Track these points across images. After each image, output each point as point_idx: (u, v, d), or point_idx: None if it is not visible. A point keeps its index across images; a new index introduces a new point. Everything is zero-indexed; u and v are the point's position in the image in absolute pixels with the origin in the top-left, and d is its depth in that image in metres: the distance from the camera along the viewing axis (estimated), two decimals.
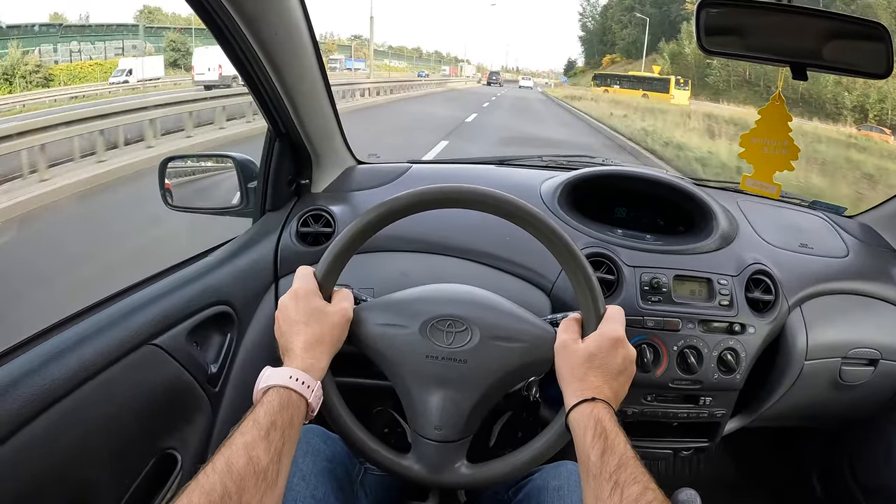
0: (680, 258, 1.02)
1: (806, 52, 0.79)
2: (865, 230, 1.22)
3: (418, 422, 0.72)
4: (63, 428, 0.64)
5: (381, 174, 1.19)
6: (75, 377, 0.67)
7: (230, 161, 1.08)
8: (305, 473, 0.74)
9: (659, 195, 1.13)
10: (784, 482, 1.46)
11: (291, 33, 0.88)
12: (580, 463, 0.61)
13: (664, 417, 1.02)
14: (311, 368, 0.65)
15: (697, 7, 0.74)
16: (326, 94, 1.04)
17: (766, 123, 0.82)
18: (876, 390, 1.09)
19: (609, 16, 61.87)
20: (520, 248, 0.98)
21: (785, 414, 1.09)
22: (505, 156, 1.37)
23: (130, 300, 0.81)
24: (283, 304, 0.70)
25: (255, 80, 0.91)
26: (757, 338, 0.98)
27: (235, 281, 0.96)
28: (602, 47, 63.16)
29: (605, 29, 61.73)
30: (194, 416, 0.88)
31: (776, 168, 0.84)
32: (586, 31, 69.19)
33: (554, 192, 1.09)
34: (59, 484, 0.64)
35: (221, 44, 0.83)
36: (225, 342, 0.95)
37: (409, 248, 1.01)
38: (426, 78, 44.73)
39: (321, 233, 1.05)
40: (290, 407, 0.60)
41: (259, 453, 0.54)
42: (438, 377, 0.71)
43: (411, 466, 0.73)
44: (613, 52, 58.95)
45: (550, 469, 0.80)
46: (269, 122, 1.01)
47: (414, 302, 0.75)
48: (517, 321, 0.73)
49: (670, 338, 0.96)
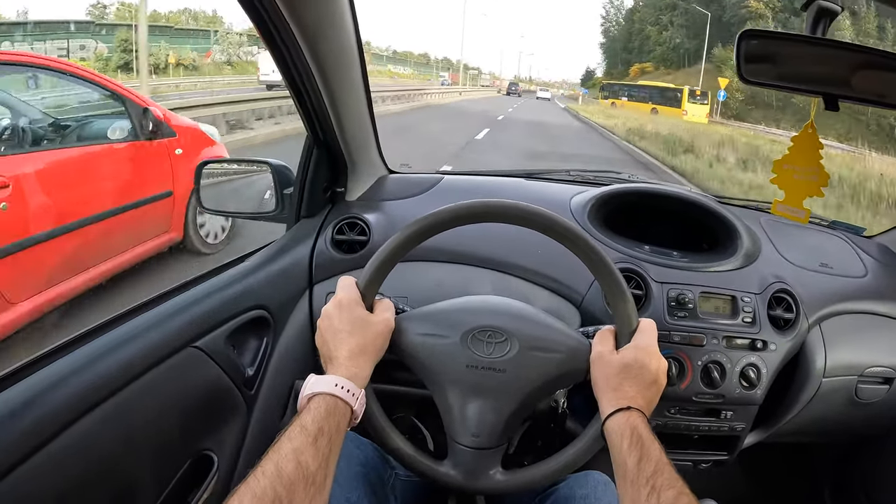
0: (705, 275, 1.04)
1: (838, 83, 0.81)
2: (884, 251, 1.24)
3: (456, 429, 0.74)
4: (106, 428, 0.65)
5: (413, 184, 1.21)
6: (120, 378, 0.68)
7: (266, 167, 1.10)
8: (339, 477, 0.76)
9: (684, 212, 1.15)
10: (797, 497, 1.48)
11: (343, 46, 0.90)
12: (616, 469, 0.63)
13: (686, 430, 1.04)
14: (356, 377, 0.66)
15: (739, 37, 0.77)
16: (367, 104, 1.06)
17: (799, 150, 0.84)
18: (890, 408, 1.11)
19: (637, 18, 55.98)
20: (551, 261, 1.00)
21: (801, 429, 1.11)
22: (533, 170, 1.39)
23: (172, 303, 0.82)
24: (326, 313, 0.71)
25: (302, 90, 0.93)
26: (778, 354, 1.01)
27: (272, 285, 0.98)
28: (626, 55, 57.28)
29: (630, 34, 56.28)
30: (231, 418, 0.89)
31: (806, 194, 0.86)
32: (608, 38, 63.98)
33: (584, 207, 1.11)
34: (100, 483, 0.65)
35: (274, 54, 0.85)
36: (261, 346, 0.96)
37: (442, 259, 1.03)
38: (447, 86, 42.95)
39: (356, 241, 1.07)
40: (336, 414, 0.62)
41: (308, 459, 0.56)
42: (477, 386, 0.73)
43: (448, 472, 0.74)
44: (644, 60, 52.20)
45: (577, 478, 0.82)
46: (310, 129, 1.03)
47: (454, 312, 0.76)
48: (554, 332, 0.75)
49: (695, 353, 0.99)
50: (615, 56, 62.06)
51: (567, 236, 0.73)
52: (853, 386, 1.07)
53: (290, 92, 0.94)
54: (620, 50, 59.79)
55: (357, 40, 0.92)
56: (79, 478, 0.62)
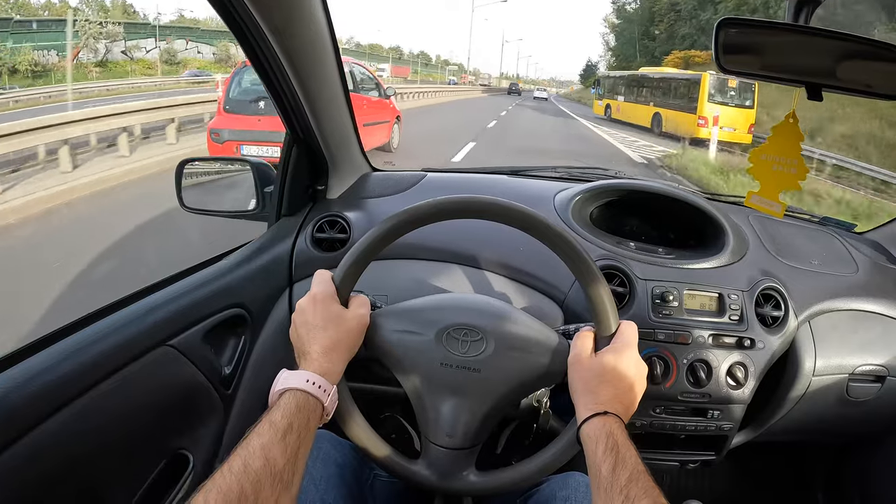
0: (691, 272, 1.02)
1: (821, 73, 0.79)
2: (875, 247, 1.23)
3: (430, 429, 0.73)
4: (78, 426, 0.65)
5: (395, 182, 1.20)
6: (91, 376, 0.67)
7: (247, 165, 1.09)
8: (316, 478, 0.75)
9: (671, 209, 1.13)
10: (789, 497, 1.46)
11: (316, 43, 0.89)
12: (591, 476, 0.61)
13: (672, 430, 1.02)
14: (328, 373, 0.66)
15: (717, 26, 0.75)
16: (345, 101, 1.05)
17: (778, 141, 0.82)
18: (882, 407, 1.09)
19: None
20: (533, 258, 0.99)
21: (791, 429, 1.10)
22: (518, 166, 1.38)
23: (148, 301, 0.82)
24: (300, 308, 0.71)
25: (278, 88, 0.92)
26: (766, 353, 0.99)
27: (250, 284, 0.97)
28: (649, 43, 40.28)
29: (652, 15, 40.17)
30: (207, 417, 0.89)
31: (783, 187, 0.84)
32: (623, 19, 46.58)
33: (568, 204, 1.10)
34: (72, 482, 0.65)
35: (246, 51, 0.84)
36: (239, 345, 0.95)
37: (422, 256, 1.02)
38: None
39: (336, 239, 1.06)
40: (307, 410, 0.61)
41: (276, 455, 0.55)
42: (452, 385, 0.71)
43: (421, 472, 0.73)
44: (678, 46, 33.86)
45: (559, 479, 0.81)
46: (289, 127, 1.03)
47: (430, 309, 0.75)
48: (532, 332, 0.74)
49: (680, 351, 0.97)
50: (630, 44, 44.03)
51: (545, 233, 0.71)
52: (844, 384, 1.05)
53: (266, 89, 0.93)
54: (639, 35, 42.51)
55: (331, 37, 0.91)
56: (49, 477, 0.62)
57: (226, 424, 0.92)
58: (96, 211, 5.28)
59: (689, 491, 1.30)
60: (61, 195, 5.34)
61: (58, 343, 0.69)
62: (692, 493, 1.05)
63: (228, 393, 0.92)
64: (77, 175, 6.00)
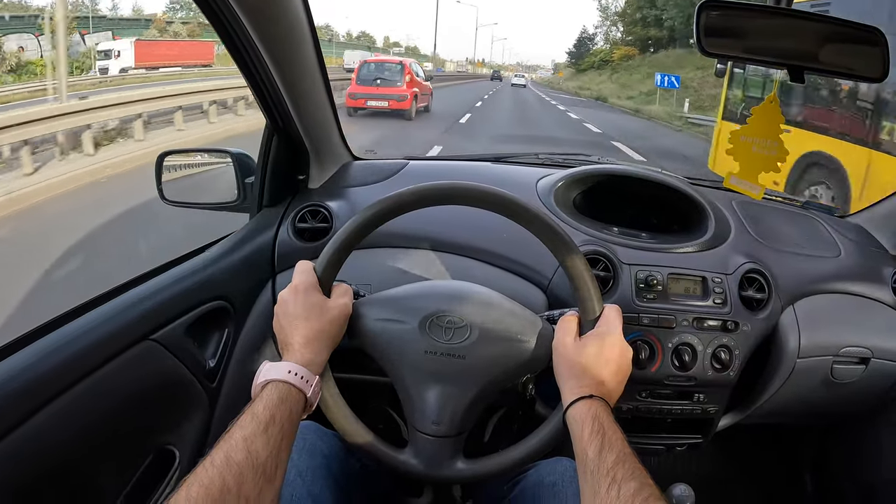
0: (675, 256, 1.03)
1: (804, 55, 0.79)
2: (858, 231, 1.24)
3: (416, 417, 0.73)
4: (61, 425, 0.64)
5: (377, 170, 1.19)
6: (73, 374, 0.67)
7: (227, 156, 1.08)
8: (302, 470, 0.75)
9: (654, 194, 1.14)
10: (776, 479, 1.48)
11: (293, 28, 0.87)
12: (577, 459, 0.61)
13: (658, 414, 1.03)
14: (311, 363, 0.65)
15: (697, 9, 0.75)
16: (325, 89, 1.04)
17: (759, 123, 0.83)
18: (867, 389, 1.10)
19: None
20: (516, 245, 0.98)
21: (777, 411, 1.11)
22: (501, 153, 1.38)
23: (128, 296, 0.81)
24: (282, 299, 0.70)
25: (255, 75, 0.90)
26: (750, 335, 1.00)
27: (233, 276, 0.96)
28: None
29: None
30: (192, 411, 0.88)
31: (763, 168, 0.85)
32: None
33: (550, 190, 1.09)
34: (56, 481, 0.64)
35: (222, 37, 0.82)
36: (222, 338, 0.94)
37: (406, 245, 1.01)
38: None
39: (318, 228, 1.05)
40: (289, 401, 0.61)
41: (258, 447, 0.54)
42: (437, 372, 0.71)
43: (408, 461, 0.73)
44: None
45: (547, 465, 0.81)
46: (268, 117, 1.01)
47: (413, 298, 0.75)
48: (516, 318, 0.74)
49: (665, 335, 0.97)
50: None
51: (526, 217, 0.71)
52: (829, 366, 1.06)
53: (245, 78, 0.92)
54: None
55: (309, 24, 0.90)
56: (34, 477, 0.61)
57: (211, 418, 0.92)
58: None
59: (677, 474, 1.31)
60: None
61: (38, 341, 0.68)
62: (680, 477, 1.06)
63: (213, 386, 0.92)
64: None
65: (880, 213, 1.26)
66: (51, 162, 5.92)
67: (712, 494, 1.29)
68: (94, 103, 6.80)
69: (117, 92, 10.63)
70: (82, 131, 6.36)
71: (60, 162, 5.99)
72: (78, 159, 6.17)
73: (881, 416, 1.18)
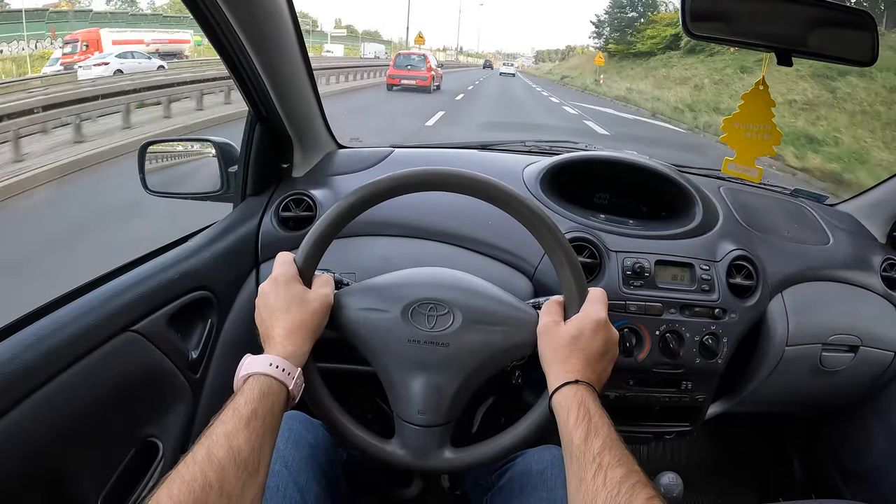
0: (662, 243, 1.02)
1: (792, 39, 0.78)
2: (847, 219, 1.23)
3: (401, 406, 0.72)
4: (41, 418, 0.63)
5: (362, 158, 1.17)
6: (52, 366, 0.65)
7: (210, 145, 1.06)
8: (288, 460, 0.74)
9: (642, 181, 1.13)
10: (765, 466, 1.49)
11: (273, 14, 0.86)
12: (563, 445, 0.61)
13: (646, 402, 1.03)
14: (292, 355, 0.64)
15: None
16: (308, 77, 1.02)
17: (750, 108, 0.82)
18: (856, 376, 1.10)
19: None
20: (502, 232, 0.98)
21: (766, 399, 1.11)
22: (488, 141, 1.36)
23: (109, 287, 0.79)
24: (262, 291, 0.69)
25: (236, 62, 0.88)
26: (738, 323, 0.99)
27: (216, 266, 0.95)
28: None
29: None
30: (175, 403, 0.87)
31: (758, 153, 0.85)
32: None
33: (537, 177, 1.08)
34: (38, 475, 0.63)
35: (201, 23, 0.80)
36: (205, 328, 0.93)
37: (390, 233, 1.00)
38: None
39: (302, 217, 1.04)
40: (271, 395, 0.60)
41: (240, 442, 0.54)
42: (421, 361, 0.70)
43: (395, 452, 0.73)
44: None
45: (534, 453, 0.81)
46: (250, 105, 0.99)
47: (395, 286, 0.74)
48: (499, 304, 0.73)
49: (652, 322, 0.97)
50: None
51: (509, 202, 0.70)
52: (817, 354, 1.06)
53: (225, 65, 0.90)
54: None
55: (290, 10, 0.88)
56: (15, 471, 0.60)
57: (195, 410, 0.91)
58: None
59: (665, 463, 1.32)
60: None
61: (17, 333, 0.66)
62: (668, 465, 1.06)
63: (196, 378, 0.90)
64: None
65: (870, 201, 1.26)
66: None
67: (701, 482, 1.30)
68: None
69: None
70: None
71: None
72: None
73: (869, 404, 1.19)
